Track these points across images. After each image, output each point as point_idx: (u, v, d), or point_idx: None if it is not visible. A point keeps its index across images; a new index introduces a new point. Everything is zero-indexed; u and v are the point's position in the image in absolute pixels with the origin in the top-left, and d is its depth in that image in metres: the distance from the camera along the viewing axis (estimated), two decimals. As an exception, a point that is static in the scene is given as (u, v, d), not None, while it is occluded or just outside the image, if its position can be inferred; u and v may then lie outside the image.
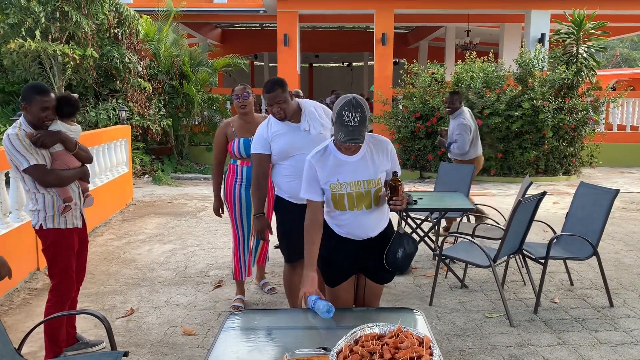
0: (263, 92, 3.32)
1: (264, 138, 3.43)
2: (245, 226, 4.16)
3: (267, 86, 3.32)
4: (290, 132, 3.40)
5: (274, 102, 3.30)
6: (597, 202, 4.34)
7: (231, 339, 2.16)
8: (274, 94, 3.29)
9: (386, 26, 12.44)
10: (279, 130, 3.41)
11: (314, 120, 3.46)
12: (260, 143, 3.45)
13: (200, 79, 11.78)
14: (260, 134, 3.46)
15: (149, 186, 10.10)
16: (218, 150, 4.26)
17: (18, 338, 2.89)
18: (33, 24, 8.97)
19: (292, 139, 3.40)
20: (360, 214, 2.69)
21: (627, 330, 3.84)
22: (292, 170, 3.39)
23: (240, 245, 4.20)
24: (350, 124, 2.46)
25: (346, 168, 2.64)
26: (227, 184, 4.18)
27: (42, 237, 3.23)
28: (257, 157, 3.48)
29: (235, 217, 4.16)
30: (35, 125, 3.12)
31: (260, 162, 3.47)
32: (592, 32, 10.56)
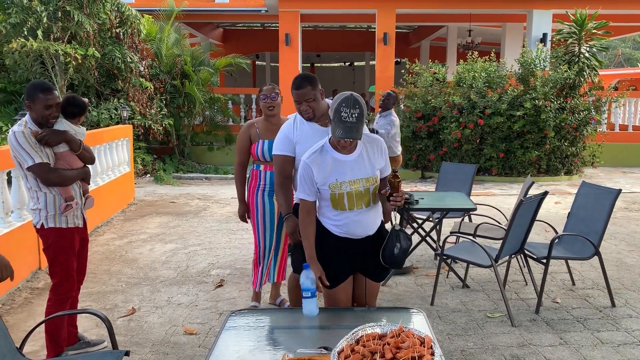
0: (292, 88, 3.09)
1: (289, 139, 3.15)
2: (267, 235, 3.93)
3: (296, 82, 3.08)
4: (317, 137, 3.06)
5: (302, 100, 3.06)
6: (599, 202, 4.34)
7: (232, 338, 2.16)
8: (303, 91, 3.04)
9: (388, 26, 12.44)
10: (305, 133, 3.13)
11: None
12: (284, 144, 3.16)
13: (201, 78, 11.79)
14: (285, 134, 3.17)
15: (151, 186, 10.10)
16: (241, 152, 3.95)
17: (20, 337, 2.90)
18: (35, 24, 8.98)
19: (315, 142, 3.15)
20: (360, 212, 2.70)
21: (629, 331, 3.83)
22: None
23: (261, 253, 3.97)
24: (348, 120, 2.47)
25: (344, 167, 2.65)
26: (249, 190, 3.95)
27: (43, 236, 3.24)
28: (279, 159, 3.18)
29: (257, 224, 3.93)
30: (40, 123, 3.14)
31: (283, 164, 3.18)
32: (594, 31, 10.55)
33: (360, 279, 2.87)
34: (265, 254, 3.96)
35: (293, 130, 3.15)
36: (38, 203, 3.18)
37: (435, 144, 10.83)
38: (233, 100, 13.35)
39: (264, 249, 3.95)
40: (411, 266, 5.20)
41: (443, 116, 10.47)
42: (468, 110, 10.24)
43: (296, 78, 3.11)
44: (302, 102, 3.05)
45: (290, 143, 3.13)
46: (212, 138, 12.73)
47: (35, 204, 3.19)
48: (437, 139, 10.78)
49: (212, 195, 9.17)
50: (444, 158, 10.57)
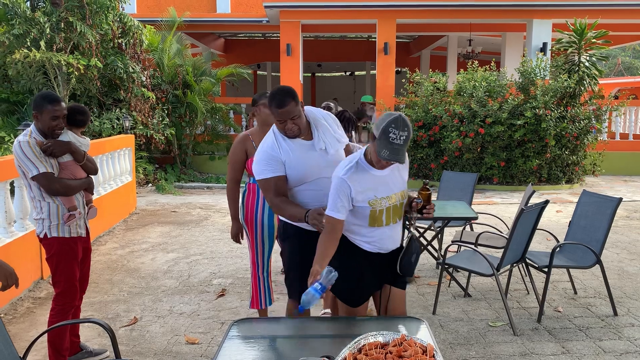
0: (271, 106, 2.76)
1: (276, 158, 2.82)
2: (266, 252, 3.72)
3: (277, 99, 2.73)
4: (304, 153, 2.85)
5: (287, 119, 2.74)
6: (600, 211, 4.35)
7: (235, 347, 2.17)
8: (287, 109, 2.72)
9: (388, 36, 12.50)
10: (290, 151, 2.84)
11: (328, 136, 2.94)
12: (272, 164, 2.82)
13: (203, 88, 11.85)
14: (270, 154, 2.83)
15: (153, 195, 10.13)
16: (235, 168, 3.66)
17: (22, 347, 2.91)
18: (38, 35, 9.04)
19: (308, 161, 2.86)
20: (393, 226, 2.70)
21: (631, 339, 3.83)
22: (308, 195, 2.91)
23: (260, 271, 3.77)
24: (396, 142, 2.41)
25: (381, 183, 2.61)
26: (246, 206, 3.68)
27: (47, 246, 3.25)
28: (271, 181, 2.82)
29: (256, 242, 3.69)
30: (45, 133, 3.17)
31: (277, 184, 2.82)
32: (593, 41, 10.59)
33: (386, 289, 2.81)
34: (265, 272, 3.78)
35: (279, 149, 2.85)
36: (41, 212, 3.20)
37: (436, 153, 10.86)
38: (234, 109, 13.40)
39: (263, 267, 3.75)
40: (413, 275, 5.19)
41: (444, 125, 10.50)
42: (469, 119, 10.27)
43: (274, 94, 2.76)
44: (286, 120, 2.76)
45: (278, 163, 2.83)
46: (213, 147, 12.76)
47: (38, 213, 3.21)
48: (438, 147, 10.81)
49: (213, 205, 9.19)
50: (445, 167, 10.59)
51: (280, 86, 2.83)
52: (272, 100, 2.75)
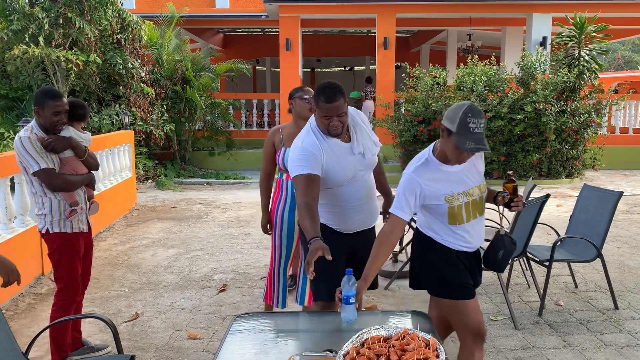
0: (319, 100, 2.60)
1: (315, 157, 2.63)
2: (284, 252, 3.66)
3: (327, 93, 2.58)
4: (342, 156, 2.70)
5: (334, 115, 2.59)
6: (601, 205, 4.35)
7: (238, 342, 2.17)
8: (337, 105, 2.58)
9: (388, 30, 12.48)
10: (331, 152, 2.68)
11: (366, 140, 2.81)
12: (310, 161, 2.62)
13: (202, 84, 11.82)
14: (311, 151, 2.63)
15: (152, 191, 10.12)
16: (267, 161, 3.67)
17: (24, 343, 2.91)
18: (37, 30, 9.02)
19: (346, 165, 2.71)
20: (476, 221, 2.61)
21: (632, 333, 3.83)
22: (336, 200, 2.78)
23: (275, 270, 3.70)
24: (477, 131, 2.34)
25: (455, 178, 2.52)
26: (273, 200, 3.70)
27: (48, 241, 3.25)
28: (305, 178, 2.60)
29: (274, 239, 3.66)
30: (47, 129, 3.17)
31: (310, 185, 2.60)
32: (593, 35, 10.58)
33: None
34: (281, 273, 3.70)
35: (320, 146, 2.66)
36: (43, 208, 3.20)
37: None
38: (234, 105, 13.39)
39: (279, 267, 3.69)
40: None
41: (444, 120, 10.48)
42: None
43: (326, 88, 2.62)
44: (332, 116, 2.60)
45: (317, 162, 2.63)
46: (213, 143, 12.75)
47: (40, 209, 3.21)
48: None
49: (213, 200, 9.18)
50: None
51: (328, 80, 2.68)
52: (321, 94, 2.60)
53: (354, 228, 2.83)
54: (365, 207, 2.83)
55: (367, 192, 2.85)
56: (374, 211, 2.93)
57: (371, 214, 2.90)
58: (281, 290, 3.72)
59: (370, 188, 2.89)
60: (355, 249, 2.85)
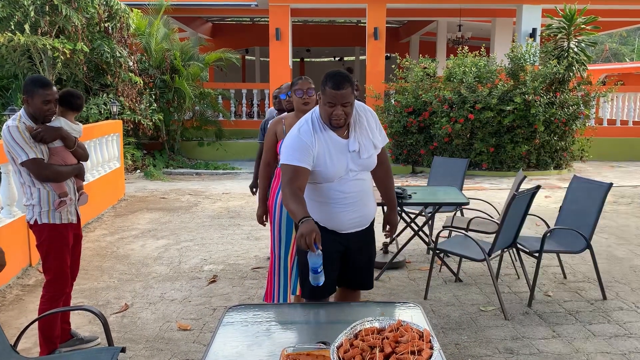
0: (326, 87, 2.52)
1: (306, 147, 2.56)
2: (283, 243, 3.56)
3: (335, 80, 2.50)
4: (336, 153, 2.62)
5: (339, 103, 2.50)
6: (590, 196, 4.37)
7: (230, 333, 2.16)
8: (343, 93, 2.49)
9: (378, 20, 12.42)
10: (325, 145, 2.60)
11: (365, 139, 2.69)
12: (301, 153, 2.55)
13: (191, 73, 11.72)
14: (304, 141, 2.57)
15: (141, 181, 10.04)
16: (267, 150, 3.56)
17: (11, 334, 2.87)
18: (22, 18, 8.86)
19: (338, 162, 2.62)
20: None
21: (620, 323, 3.87)
22: (326, 197, 2.70)
23: (276, 264, 3.59)
24: None
25: None
26: (271, 190, 3.63)
27: (37, 232, 3.21)
28: (292, 169, 2.55)
29: (274, 230, 3.57)
30: (36, 118, 3.11)
31: (296, 176, 2.54)
32: (583, 26, 10.61)
33: None
34: (282, 265, 3.58)
35: (312, 137, 2.59)
36: (32, 199, 3.15)
37: (426, 139, 10.86)
38: (223, 95, 13.29)
39: (279, 259, 3.58)
40: (404, 260, 5.21)
41: (434, 111, 10.50)
42: (458, 105, 10.27)
43: (335, 75, 2.53)
44: (337, 105, 2.51)
45: (308, 153, 2.56)
46: (202, 133, 12.66)
47: (28, 199, 3.17)
48: (428, 133, 10.81)
49: (203, 191, 9.13)
50: (435, 153, 10.60)
51: (338, 69, 2.59)
52: (329, 80, 2.51)
53: (346, 228, 2.75)
54: (357, 209, 2.73)
55: (360, 195, 2.74)
56: (368, 214, 2.82)
57: (364, 217, 2.79)
58: (282, 283, 3.60)
59: (365, 192, 2.76)
60: (349, 247, 2.78)
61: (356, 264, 2.80)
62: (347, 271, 2.79)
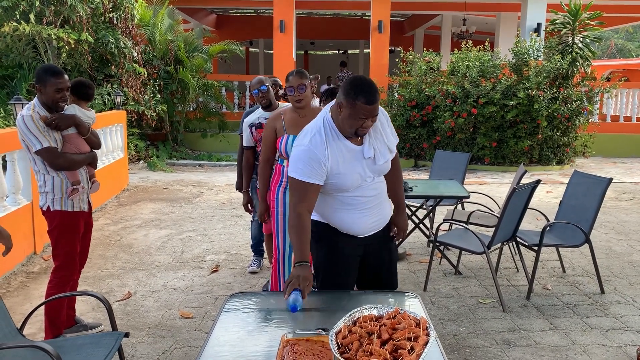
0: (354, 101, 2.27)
1: (318, 162, 2.37)
2: (287, 236, 3.50)
3: (368, 92, 2.28)
4: (351, 161, 2.44)
5: (370, 117, 2.33)
6: (591, 191, 4.40)
7: (231, 320, 2.20)
8: (376, 105, 2.32)
9: (383, 14, 12.41)
10: (338, 157, 2.41)
11: (380, 144, 2.52)
12: (309, 167, 2.37)
13: (195, 64, 11.73)
14: (314, 155, 2.37)
15: (144, 172, 10.09)
16: (267, 147, 3.51)
17: (17, 320, 2.92)
18: (27, 7, 8.87)
19: (353, 170, 2.45)
20: None
21: (617, 316, 3.91)
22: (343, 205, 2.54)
23: (280, 257, 3.57)
24: None
25: None
26: (271, 187, 3.59)
27: (49, 219, 3.27)
28: (302, 186, 2.39)
29: (277, 225, 3.53)
30: (49, 107, 3.16)
31: (306, 193, 2.40)
32: (587, 22, 10.59)
33: None
34: (286, 258, 3.56)
35: (326, 151, 2.39)
36: (45, 186, 3.21)
37: (429, 133, 10.88)
38: (227, 86, 13.31)
39: (283, 252, 3.55)
40: (404, 252, 5.26)
41: (437, 105, 10.51)
42: (462, 99, 10.28)
43: (363, 85, 2.31)
44: (368, 118, 2.33)
45: (320, 169, 2.38)
46: (205, 125, 12.69)
47: (42, 186, 3.23)
48: (431, 127, 10.83)
49: (205, 182, 9.18)
50: (437, 147, 10.61)
51: (360, 76, 2.41)
52: (359, 93, 2.28)
53: (365, 232, 2.62)
54: (375, 212, 2.62)
55: (378, 198, 2.62)
56: (386, 215, 2.71)
57: (382, 218, 2.68)
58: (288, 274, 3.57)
59: (381, 192, 2.65)
60: (368, 250, 2.67)
61: (377, 265, 2.71)
62: (368, 273, 2.70)
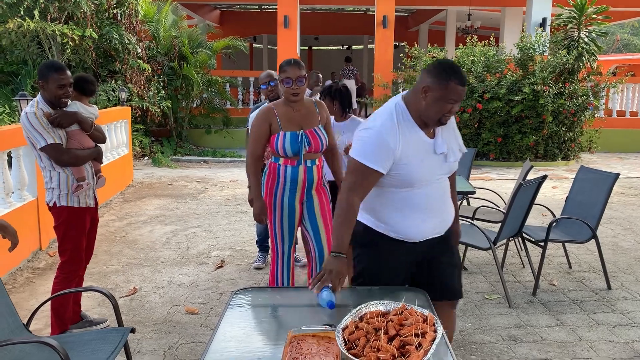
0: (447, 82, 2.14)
1: (388, 147, 2.19)
2: (287, 238, 3.39)
3: (460, 74, 2.16)
4: (422, 153, 2.27)
5: (461, 100, 2.20)
6: (597, 186, 4.38)
7: (237, 315, 2.19)
8: (464, 90, 2.19)
9: (387, 9, 12.36)
10: (409, 145, 2.23)
11: (452, 141, 2.40)
12: (376, 152, 2.20)
13: (199, 60, 11.72)
14: (382, 138, 2.20)
15: (149, 168, 10.10)
16: (257, 142, 3.25)
17: (23, 315, 2.92)
18: (32, 4, 8.89)
19: (424, 163, 2.28)
20: None
21: (624, 312, 3.90)
22: (403, 204, 2.34)
23: (279, 259, 3.43)
24: None
25: None
26: (266, 186, 3.35)
27: (55, 214, 3.28)
28: (363, 170, 2.22)
29: (275, 226, 3.36)
30: (52, 103, 3.17)
31: (363, 178, 2.23)
32: (593, 16, 10.52)
33: None
34: (285, 260, 3.43)
35: (398, 138, 2.21)
36: (51, 182, 3.22)
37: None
38: (231, 82, 13.30)
39: (283, 254, 3.41)
40: None
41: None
42: (467, 95, 10.23)
43: (454, 67, 2.17)
44: (458, 102, 2.18)
45: (388, 156, 2.20)
46: (209, 121, 12.70)
47: (48, 182, 3.24)
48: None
49: (210, 178, 9.18)
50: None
51: (448, 59, 2.31)
52: (451, 74, 2.15)
53: (425, 235, 2.41)
54: (438, 214, 2.42)
55: (443, 198, 2.44)
56: (448, 218, 2.49)
57: (444, 221, 2.47)
58: (285, 277, 3.47)
59: (446, 193, 2.45)
60: (428, 255, 2.49)
61: (439, 273, 2.54)
62: (427, 281, 2.51)
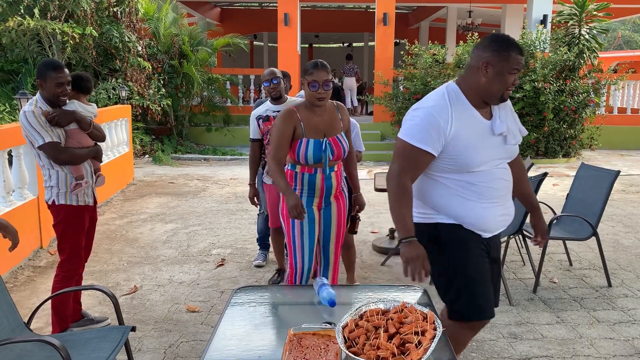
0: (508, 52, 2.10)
1: (439, 126, 2.12)
2: (307, 254, 3.09)
3: (516, 44, 2.13)
4: (479, 133, 2.18)
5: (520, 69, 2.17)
6: (598, 184, 4.37)
7: (237, 313, 2.20)
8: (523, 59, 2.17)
9: (388, 6, 12.34)
10: (464, 122, 2.15)
11: (510, 122, 2.30)
12: (426, 130, 2.13)
13: (199, 58, 11.72)
14: (433, 117, 2.14)
15: (149, 166, 10.11)
16: (281, 146, 2.97)
17: (24, 314, 2.93)
18: (32, 2, 8.88)
19: (482, 144, 2.18)
20: None
21: (624, 310, 3.89)
22: (467, 191, 2.24)
23: (298, 277, 3.13)
24: None
25: None
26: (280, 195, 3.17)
27: (54, 212, 3.28)
28: (413, 152, 2.16)
29: (294, 241, 3.08)
30: (51, 101, 3.17)
31: (415, 159, 2.17)
32: (594, 13, 10.50)
33: None
34: (303, 277, 3.13)
35: (450, 117, 2.14)
36: (50, 180, 3.23)
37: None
38: (231, 80, 13.30)
39: (302, 272, 3.12)
40: None
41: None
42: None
43: (510, 38, 2.16)
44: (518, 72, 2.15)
45: (439, 136, 2.13)
46: (210, 119, 12.70)
47: (47, 181, 3.24)
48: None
49: (211, 176, 9.19)
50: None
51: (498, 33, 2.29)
52: (509, 43, 2.13)
53: (497, 227, 2.35)
54: (503, 203, 2.32)
55: (507, 187, 2.33)
56: (512, 209, 2.41)
57: (510, 212, 2.38)
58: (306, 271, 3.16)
59: (510, 182, 2.34)
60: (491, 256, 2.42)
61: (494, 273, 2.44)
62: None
